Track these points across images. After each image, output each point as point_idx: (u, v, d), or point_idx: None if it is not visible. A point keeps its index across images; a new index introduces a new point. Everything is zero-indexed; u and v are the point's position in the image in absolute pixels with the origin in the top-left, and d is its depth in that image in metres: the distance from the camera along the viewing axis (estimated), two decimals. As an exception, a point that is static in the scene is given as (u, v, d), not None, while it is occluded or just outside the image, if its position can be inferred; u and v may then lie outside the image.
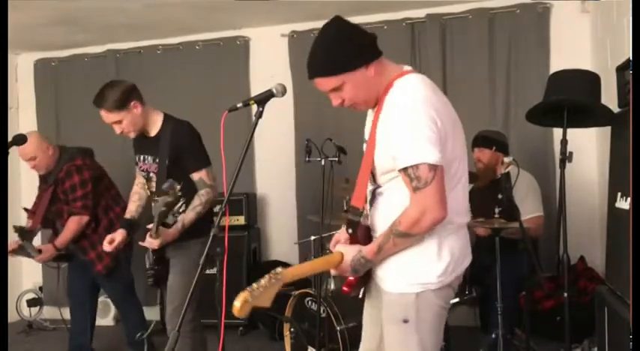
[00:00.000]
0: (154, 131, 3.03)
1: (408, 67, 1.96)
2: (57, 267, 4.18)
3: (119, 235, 3.12)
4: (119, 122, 2.93)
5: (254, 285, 1.72)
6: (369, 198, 1.96)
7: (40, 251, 3.73)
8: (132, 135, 3.03)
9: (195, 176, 2.95)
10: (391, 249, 1.81)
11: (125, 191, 4.90)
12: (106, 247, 3.09)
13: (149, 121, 3.02)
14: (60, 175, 3.74)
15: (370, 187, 1.95)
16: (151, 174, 3.06)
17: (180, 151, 2.94)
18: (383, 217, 1.88)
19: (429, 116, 1.73)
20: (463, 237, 1.90)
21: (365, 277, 1.96)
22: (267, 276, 1.76)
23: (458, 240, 1.87)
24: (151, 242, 2.85)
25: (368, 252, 1.85)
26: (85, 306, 4.00)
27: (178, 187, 2.80)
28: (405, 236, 1.77)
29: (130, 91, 2.94)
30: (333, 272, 1.95)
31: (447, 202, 1.75)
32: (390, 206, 1.85)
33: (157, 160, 3.00)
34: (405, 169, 1.73)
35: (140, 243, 2.93)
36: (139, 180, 3.24)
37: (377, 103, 1.90)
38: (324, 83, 1.86)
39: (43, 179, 3.94)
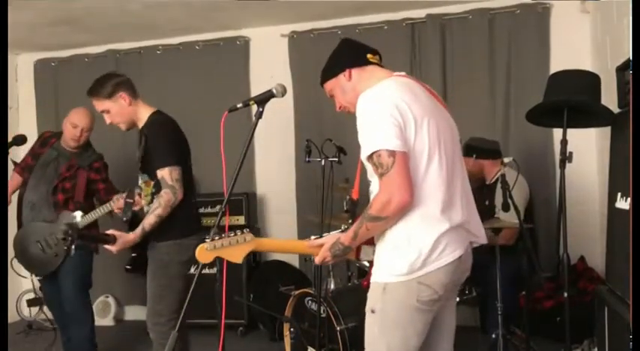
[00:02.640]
0: (141, 125, 3.03)
1: (400, 73, 2.05)
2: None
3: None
4: (107, 112, 2.98)
5: (217, 237, 1.91)
6: None
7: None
8: (122, 126, 3.04)
9: (159, 174, 2.85)
10: (365, 233, 1.89)
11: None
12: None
13: (139, 116, 3.02)
14: (96, 165, 3.75)
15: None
16: None
17: (150, 145, 2.90)
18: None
19: (386, 108, 1.84)
20: (438, 233, 1.85)
21: None
22: (236, 232, 1.94)
23: (429, 234, 1.84)
24: (109, 248, 2.82)
25: (345, 238, 1.94)
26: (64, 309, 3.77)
27: (152, 182, 2.90)
28: (376, 220, 1.83)
29: (119, 83, 2.98)
30: (316, 261, 2.04)
31: (418, 192, 1.83)
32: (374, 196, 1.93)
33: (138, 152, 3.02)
34: (370, 158, 1.84)
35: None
36: None
37: None
38: (326, 90, 2.17)
39: (38, 160, 3.75)
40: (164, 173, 2.83)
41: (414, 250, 1.83)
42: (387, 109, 1.83)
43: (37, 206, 3.64)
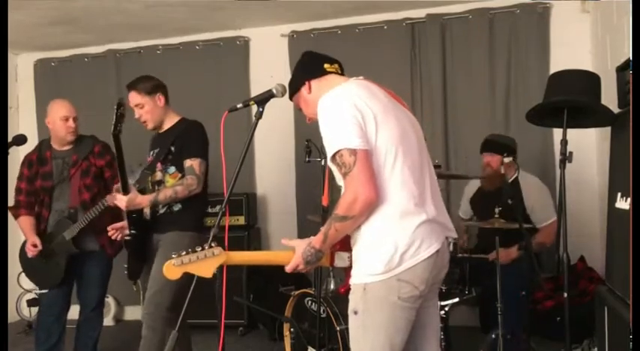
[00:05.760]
0: (166, 127, 3.23)
1: (358, 77, 2.07)
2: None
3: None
4: (141, 107, 3.16)
5: (184, 252, 1.90)
6: None
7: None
8: (149, 124, 3.19)
9: (188, 163, 3.06)
10: (334, 234, 1.89)
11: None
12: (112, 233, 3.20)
13: (166, 118, 3.22)
14: (96, 149, 3.68)
15: None
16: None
17: (185, 139, 3.11)
18: None
19: (344, 108, 1.87)
20: (412, 228, 1.86)
21: None
22: (203, 247, 1.93)
23: (403, 230, 1.85)
24: (120, 198, 2.96)
25: (316, 241, 1.94)
26: (61, 319, 3.73)
27: (179, 175, 3.07)
28: (343, 219, 1.84)
29: (159, 85, 3.23)
30: (287, 268, 1.99)
31: (386, 189, 1.86)
32: None
33: (159, 150, 3.16)
34: (333, 159, 1.86)
35: (112, 201, 3.06)
36: None
37: None
38: (295, 105, 2.25)
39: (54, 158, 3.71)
40: (194, 163, 3.05)
41: (390, 248, 1.84)
42: (345, 109, 1.86)
43: (65, 212, 3.62)
